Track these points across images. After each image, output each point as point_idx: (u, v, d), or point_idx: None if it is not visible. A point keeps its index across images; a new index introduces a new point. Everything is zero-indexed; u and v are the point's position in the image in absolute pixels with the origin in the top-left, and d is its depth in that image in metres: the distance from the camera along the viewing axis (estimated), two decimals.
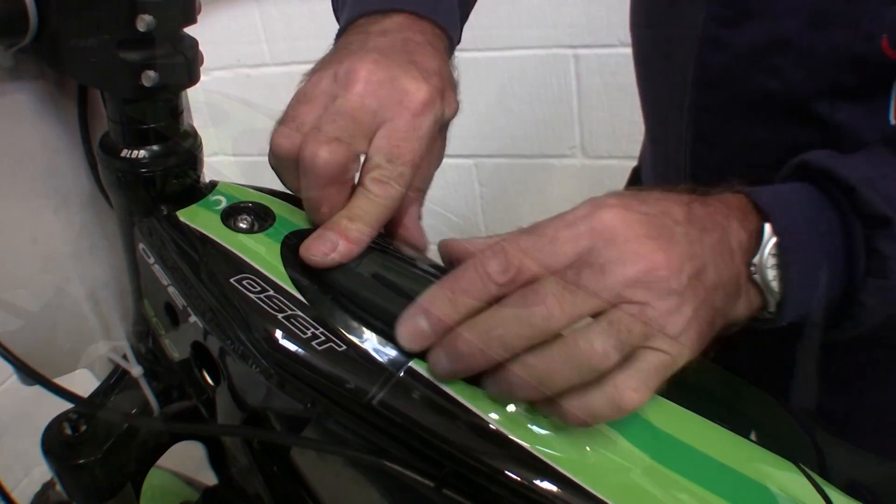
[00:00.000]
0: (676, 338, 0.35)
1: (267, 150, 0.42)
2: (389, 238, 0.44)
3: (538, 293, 0.33)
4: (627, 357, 0.34)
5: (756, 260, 0.38)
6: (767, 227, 0.39)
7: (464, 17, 0.59)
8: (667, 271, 0.35)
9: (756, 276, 0.38)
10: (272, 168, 0.42)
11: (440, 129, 0.44)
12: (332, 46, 0.48)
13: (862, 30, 0.48)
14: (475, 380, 0.35)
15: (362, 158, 0.41)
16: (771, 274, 0.38)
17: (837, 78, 0.51)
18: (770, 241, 0.38)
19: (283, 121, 0.41)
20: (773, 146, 0.57)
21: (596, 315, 0.34)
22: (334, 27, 0.52)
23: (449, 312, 0.34)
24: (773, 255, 0.38)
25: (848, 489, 0.38)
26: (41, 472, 1.36)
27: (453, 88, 0.46)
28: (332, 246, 0.38)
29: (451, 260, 0.39)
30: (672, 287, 0.35)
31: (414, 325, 0.35)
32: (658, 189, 0.39)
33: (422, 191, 0.46)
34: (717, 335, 0.38)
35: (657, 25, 0.65)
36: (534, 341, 0.33)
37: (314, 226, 0.41)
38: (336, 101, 0.41)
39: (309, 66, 0.45)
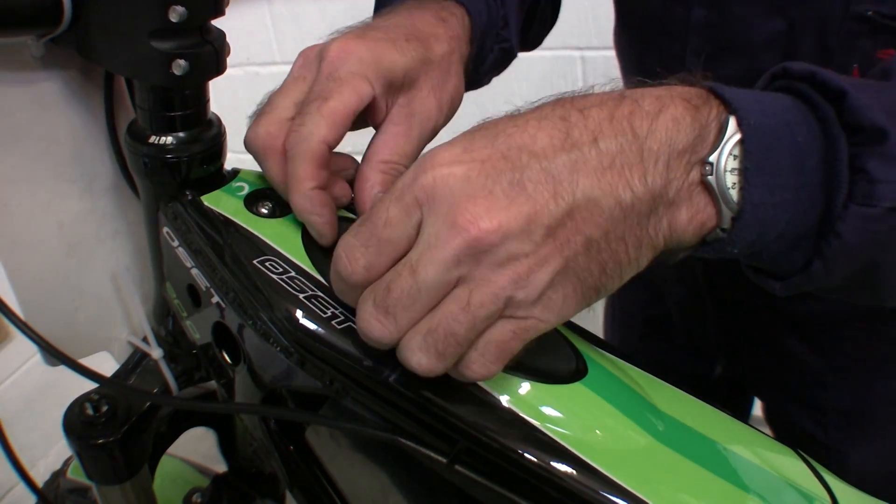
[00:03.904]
0: (531, 306, 0.31)
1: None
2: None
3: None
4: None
5: (713, 158, 0.31)
6: (732, 122, 0.31)
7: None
8: (497, 234, 0.29)
9: (710, 178, 0.31)
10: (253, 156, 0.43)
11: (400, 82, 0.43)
12: None
13: (835, 61, 0.50)
14: None
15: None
16: (730, 180, 0.31)
17: None
18: (733, 139, 0.31)
19: (260, 111, 0.42)
20: None
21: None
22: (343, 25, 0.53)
23: None
24: (734, 156, 0.31)
25: None
26: (46, 464, 1.37)
27: (418, 38, 0.44)
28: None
29: None
30: (512, 251, 0.30)
31: None
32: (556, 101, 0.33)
33: (386, 162, 0.43)
34: (659, 257, 0.33)
35: (642, 53, 0.68)
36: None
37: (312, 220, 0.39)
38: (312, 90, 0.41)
39: None
